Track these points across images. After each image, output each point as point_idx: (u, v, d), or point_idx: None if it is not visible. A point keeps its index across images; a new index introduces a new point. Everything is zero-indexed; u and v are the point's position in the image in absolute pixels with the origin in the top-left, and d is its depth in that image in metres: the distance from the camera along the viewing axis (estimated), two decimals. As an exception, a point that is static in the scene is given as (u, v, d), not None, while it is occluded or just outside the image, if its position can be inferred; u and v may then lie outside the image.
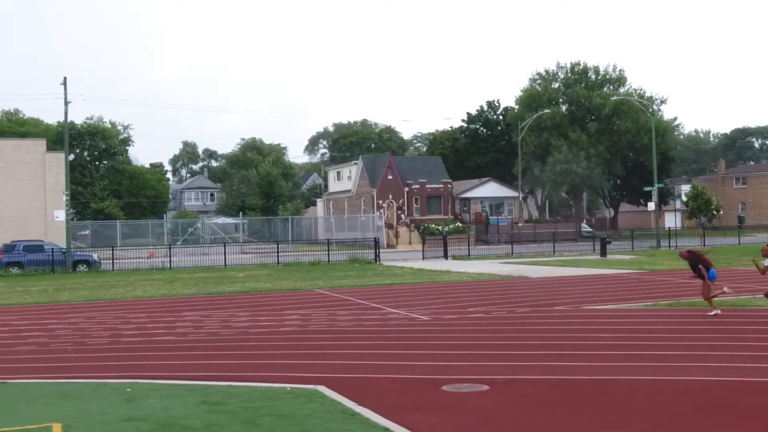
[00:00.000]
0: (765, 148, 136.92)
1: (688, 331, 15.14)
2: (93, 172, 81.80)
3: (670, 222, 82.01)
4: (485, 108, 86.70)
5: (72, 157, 53.28)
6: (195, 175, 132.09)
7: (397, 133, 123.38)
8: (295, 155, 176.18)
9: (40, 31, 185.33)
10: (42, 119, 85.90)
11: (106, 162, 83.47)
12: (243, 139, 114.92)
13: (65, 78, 41.38)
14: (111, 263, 40.24)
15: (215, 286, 28.27)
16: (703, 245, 48.31)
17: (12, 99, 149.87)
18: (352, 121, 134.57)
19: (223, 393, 10.25)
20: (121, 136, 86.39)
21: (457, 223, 65.39)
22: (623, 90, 75.88)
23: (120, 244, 50.94)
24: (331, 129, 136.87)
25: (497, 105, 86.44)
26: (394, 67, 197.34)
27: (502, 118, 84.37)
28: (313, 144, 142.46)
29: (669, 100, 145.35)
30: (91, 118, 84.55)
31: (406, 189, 69.99)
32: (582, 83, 75.91)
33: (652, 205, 57.01)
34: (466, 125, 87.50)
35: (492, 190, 74.88)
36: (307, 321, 17.99)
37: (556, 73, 78.39)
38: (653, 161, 57.43)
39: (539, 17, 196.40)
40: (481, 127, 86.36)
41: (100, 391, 10.59)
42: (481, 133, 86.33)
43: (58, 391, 10.73)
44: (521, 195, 77.33)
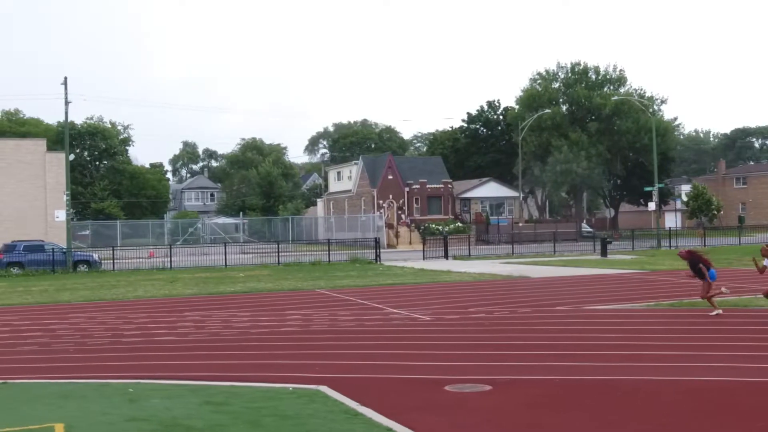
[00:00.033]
0: (765, 148, 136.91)
1: (689, 331, 15.14)
2: (93, 172, 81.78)
3: (671, 222, 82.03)
4: (485, 108, 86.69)
5: (72, 157, 53.30)
6: (195, 175, 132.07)
7: (397, 133, 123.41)
8: (295, 155, 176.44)
9: (40, 31, 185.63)
10: (42, 119, 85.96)
11: (106, 162, 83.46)
12: (243, 139, 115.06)
13: (66, 78, 41.40)
14: (111, 263, 40.26)
15: (216, 286, 28.26)
16: (704, 245, 48.33)
17: (12, 99, 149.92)
18: (352, 121, 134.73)
19: (226, 393, 10.24)
20: (121, 136, 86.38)
21: (458, 223, 65.37)
22: (623, 90, 75.88)
23: (120, 244, 50.91)
24: (331, 129, 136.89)
25: (497, 105, 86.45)
26: (394, 67, 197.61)
27: (502, 118, 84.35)
28: (313, 144, 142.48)
29: (669, 100, 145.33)
30: (91, 118, 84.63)
31: (407, 189, 69.97)
32: (582, 83, 75.92)
33: (652, 205, 57.02)
34: (466, 125, 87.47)
35: (492, 190, 74.88)
36: (308, 321, 17.97)
37: (557, 73, 78.40)
38: (653, 161, 57.42)
39: (539, 17, 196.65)
40: (482, 127, 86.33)
41: (102, 391, 10.58)
42: (482, 133, 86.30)
43: (60, 391, 10.71)
44: (521, 195, 77.32)
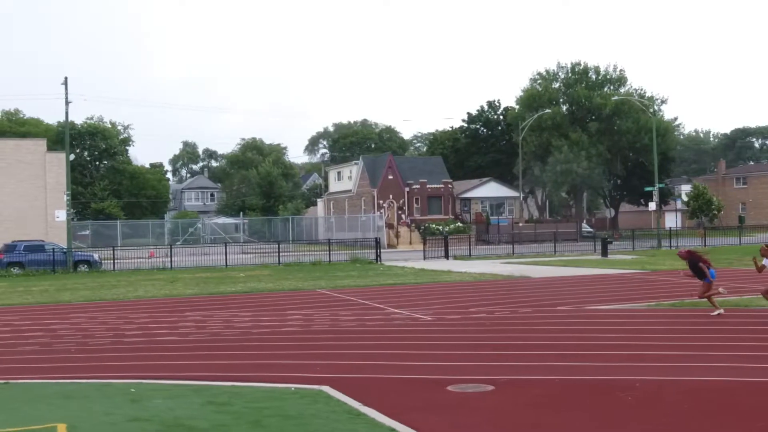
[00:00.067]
0: (765, 148, 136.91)
1: (691, 331, 15.14)
2: (93, 172, 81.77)
3: (671, 222, 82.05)
4: (486, 108, 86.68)
5: (72, 157, 53.29)
6: (195, 175, 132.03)
7: (397, 133, 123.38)
8: (295, 155, 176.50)
9: (40, 31, 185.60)
10: (42, 119, 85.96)
11: (106, 162, 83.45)
12: (243, 139, 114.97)
13: (66, 78, 41.38)
14: (112, 263, 40.25)
15: (217, 286, 28.25)
16: (704, 245, 48.33)
17: (12, 99, 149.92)
18: (352, 121, 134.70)
19: (228, 393, 10.23)
20: (121, 136, 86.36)
21: (458, 223, 65.36)
22: (624, 90, 75.88)
23: (120, 244, 50.90)
24: (331, 129, 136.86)
25: (498, 105, 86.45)
26: (394, 67, 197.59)
27: (502, 118, 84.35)
28: (313, 144, 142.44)
29: (669, 100, 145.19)
30: (91, 118, 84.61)
31: (407, 189, 69.97)
32: (582, 83, 75.91)
33: (652, 205, 57.01)
34: (466, 125, 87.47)
35: (492, 190, 74.87)
36: (309, 321, 17.97)
37: (557, 73, 78.39)
38: (654, 161, 57.40)
39: (539, 17, 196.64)
40: (482, 127, 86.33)
41: (104, 391, 10.57)
42: (482, 133, 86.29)
43: (62, 391, 10.70)
44: (522, 195, 77.30)
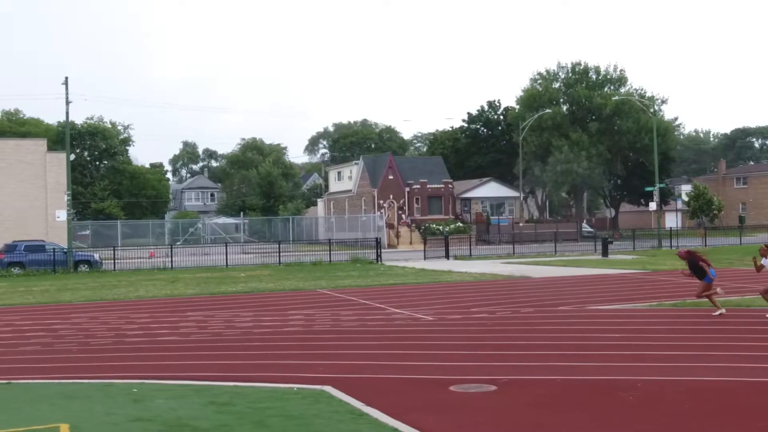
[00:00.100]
0: (765, 148, 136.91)
1: (692, 331, 15.14)
2: (93, 172, 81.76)
3: (671, 222, 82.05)
4: (486, 108, 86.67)
5: (72, 157, 53.28)
6: (195, 175, 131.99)
7: (397, 133, 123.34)
8: (295, 155, 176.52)
9: (40, 31, 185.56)
10: (42, 119, 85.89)
11: (106, 162, 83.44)
12: (243, 139, 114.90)
13: (66, 78, 41.32)
14: (112, 263, 40.23)
15: (217, 286, 28.24)
16: (705, 245, 48.33)
17: (12, 99, 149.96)
18: (352, 121, 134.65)
19: (230, 393, 10.22)
20: (121, 136, 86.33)
21: (458, 223, 65.36)
22: (624, 90, 75.87)
23: (120, 245, 50.92)
24: (331, 129, 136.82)
25: (498, 105, 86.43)
26: (394, 67, 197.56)
27: (502, 118, 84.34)
28: (313, 144, 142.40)
29: (669, 100, 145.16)
30: (91, 118, 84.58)
31: (407, 189, 69.96)
32: (583, 83, 75.90)
33: (653, 205, 56.98)
34: (466, 125, 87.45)
35: (493, 190, 74.86)
36: (311, 321, 17.96)
37: (557, 73, 78.38)
38: (654, 161, 57.38)
39: (539, 17, 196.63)
40: (482, 127, 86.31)
41: (106, 391, 10.55)
42: (482, 133, 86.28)
43: (64, 391, 10.69)
44: (522, 195, 77.28)
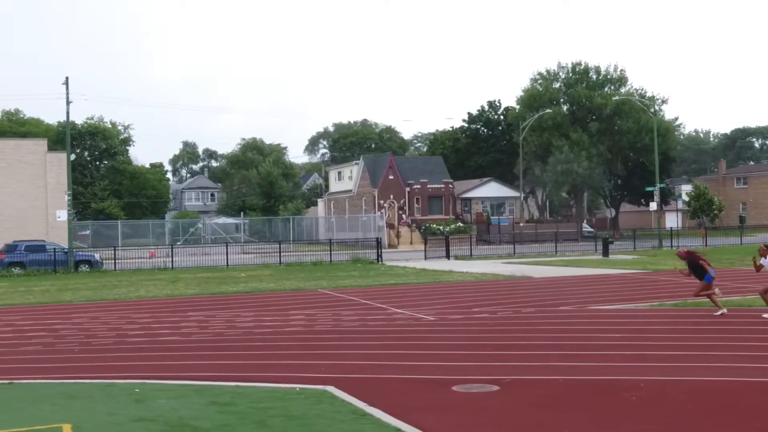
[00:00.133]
0: (765, 148, 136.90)
1: (693, 331, 15.12)
2: (93, 172, 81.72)
3: (672, 222, 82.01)
4: (486, 108, 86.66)
5: (73, 157, 53.27)
6: (195, 175, 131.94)
7: (397, 133, 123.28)
8: (295, 155, 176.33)
9: (40, 31, 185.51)
10: (42, 119, 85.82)
11: (106, 162, 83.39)
12: (243, 139, 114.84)
13: (67, 78, 41.34)
14: (113, 263, 40.22)
15: (218, 286, 28.23)
16: (705, 245, 48.32)
17: (12, 99, 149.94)
18: (352, 121, 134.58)
19: (232, 393, 10.21)
20: (121, 136, 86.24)
21: (459, 223, 65.35)
22: (624, 90, 75.86)
23: (121, 245, 50.89)
24: (331, 129, 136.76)
25: (498, 105, 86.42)
26: (394, 67, 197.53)
27: (503, 118, 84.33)
28: (314, 144, 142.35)
29: (670, 101, 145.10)
30: (91, 118, 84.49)
31: (407, 189, 69.94)
32: (583, 83, 75.89)
33: (653, 205, 56.94)
34: (467, 125, 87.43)
35: (493, 190, 74.84)
36: (312, 321, 17.94)
37: (557, 73, 78.38)
38: (655, 161, 57.36)
39: (539, 17, 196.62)
40: (482, 127, 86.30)
41: (108, 391, 10.54)
42: (482, 133, 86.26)
43: (66, 391, 10.68)
44: (522, 195, 77.27)
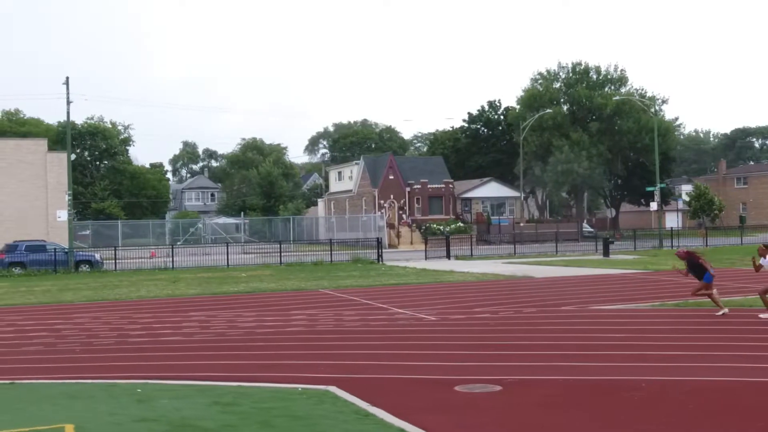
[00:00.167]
0: (765, 148, 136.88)
1: (695, 331, 15.11)
2: (93, 172, 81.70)
3: (672, 222, 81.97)
4: (486, 108, 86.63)
5: (73, 157, 53.23)
6: (195, 175, 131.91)
7: (397, 133, 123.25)
8: (295, 155, 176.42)
9: (40, 31, 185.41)
10: (42, 119, 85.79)
11: (106, 162, 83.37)
12: (243, 139, 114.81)
13: (67, 78, 41.31)
14: (113, 263, 40.20)
15: (219, 286, 28.22)
16: (706, 245, 48.31)
17: (12, 99, 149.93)
18: (352, 121, 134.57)
19: (234, 393, 10.20)
20: (121, 136, 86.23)
21: (459, 223, 65.34)
22: (624, 90, 75.83)
23: (121, 244, 50.89)
24: (331, 129, 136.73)
25: (498, 105, 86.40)
26: (394, 67, 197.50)
27: (503, 118, 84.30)
28: (314, 144, 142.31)
29: (670, 100, 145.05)
30: (91, 118, 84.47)
31: (408, 189, 69.93)
32: (583, 83, 75.85)
33: (654, 205, 56.93)
34: (467, 125, 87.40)
35: (493, 190, 74.82)
36: (313, 321, 17.93)
37: (558, 73, 78.34)
38: (655, 161, 57.34)
39: (539, 17, 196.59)
40: (483, 127, 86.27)
41: (110, 391, 10.53)
42: (483, 133, 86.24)
43: (68, 391, 10.67)
44: (522, 195, 77.25)
